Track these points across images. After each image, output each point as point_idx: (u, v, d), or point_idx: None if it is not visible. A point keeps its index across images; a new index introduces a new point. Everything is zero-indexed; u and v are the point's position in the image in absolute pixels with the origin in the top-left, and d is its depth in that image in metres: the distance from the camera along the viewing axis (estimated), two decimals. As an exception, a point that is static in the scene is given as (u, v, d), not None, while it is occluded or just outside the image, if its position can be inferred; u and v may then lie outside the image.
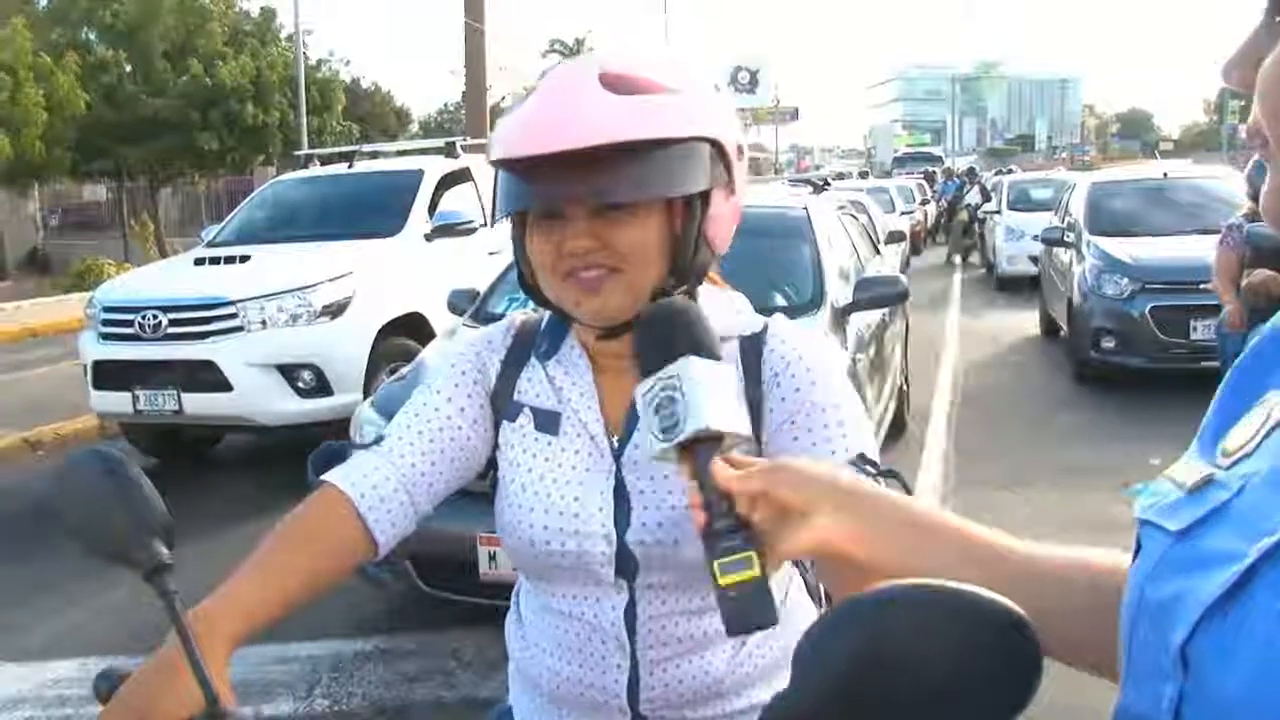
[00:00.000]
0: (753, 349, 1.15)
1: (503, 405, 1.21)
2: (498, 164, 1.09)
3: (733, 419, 0.86)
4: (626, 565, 1.13)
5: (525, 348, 1.23)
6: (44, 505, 5.88)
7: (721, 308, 1.17)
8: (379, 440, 1.20)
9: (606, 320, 1.11)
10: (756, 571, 0.79)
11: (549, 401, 1.19)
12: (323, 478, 1.15)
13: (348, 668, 3.70)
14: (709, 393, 0.85)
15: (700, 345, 0.89)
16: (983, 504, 4.83)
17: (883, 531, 0.80)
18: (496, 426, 1.22)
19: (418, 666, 3.69)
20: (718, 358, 0.89)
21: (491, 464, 1.23)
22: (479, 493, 1.29)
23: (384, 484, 1.14)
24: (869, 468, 0.97)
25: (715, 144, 1.10)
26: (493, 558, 3.33)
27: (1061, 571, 0.78)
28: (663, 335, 0.90)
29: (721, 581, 0.79)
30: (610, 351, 1.15)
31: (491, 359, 1.24)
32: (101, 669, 1.00)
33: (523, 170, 1.07)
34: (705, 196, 1.10)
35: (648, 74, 1.07)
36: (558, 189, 1.06)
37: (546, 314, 1.23)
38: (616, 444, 1.15)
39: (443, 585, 3.59)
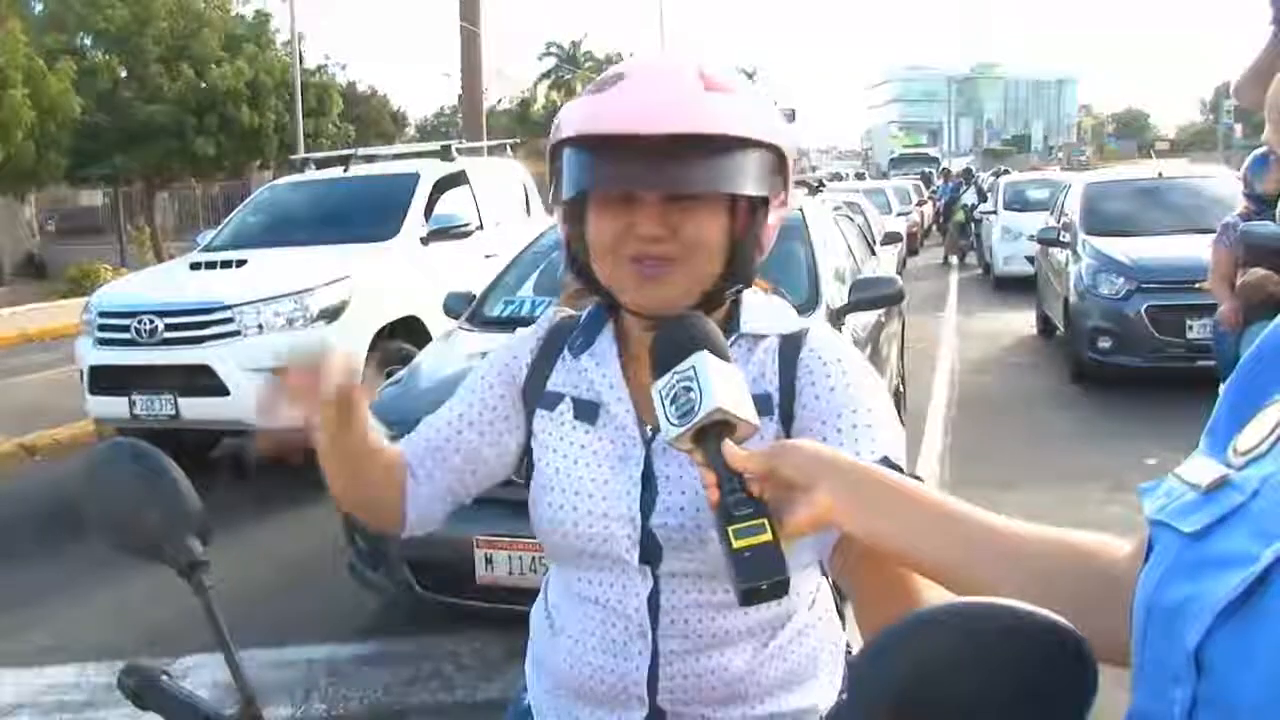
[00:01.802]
0: (791, 348, 1.18)
1: (535, 396, 1.25)
2: (575, 141, 1.11)
3: (744, 407, 0.90)
4: (651, 550, 1.16)
5: (559, 341, 1.27)
6: (65, 500, 5.88)
7: (764, 308, 1.23)
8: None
9: (662, 308, 1.13)
10: (770, 536, 0.83)
11: (588, 392, 1.23)
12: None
13: (345, 671, 3.70)
14: (722, 382, 0.90)
15: (712, 347, 0.94)
16: (979, 504, 4.79)
17: (873, 504, 0.84)
18: (529, 418, 1.26)
19: (415, 670, 3.69)
20: (728, 360, 0.94)
21: (525, 453, 1.27)
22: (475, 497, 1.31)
23: (434, 468, 1.26)
24: (894, 471, 0.98)
25: (780, 154, 1.14)
26: (489, 561, 3.33)
27: (1041, 548, 0.80)
28: (678, 340, 0.95)
29: (736, 544, 0.83)
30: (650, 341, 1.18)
31: (523, 353, 1.28)
32: (124, 665, 0.99)
33: (600, 153, 1.10)
34: (766, 201, 1.14)
35: (729, 80, 1.12)
36: (646, 173, 1.08)
37: (586, 310, 1.27)
38: (649, 431, 1.18)
39: (439, 589, 3.58)
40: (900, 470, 1.00)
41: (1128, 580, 0.68)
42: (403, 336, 6.37)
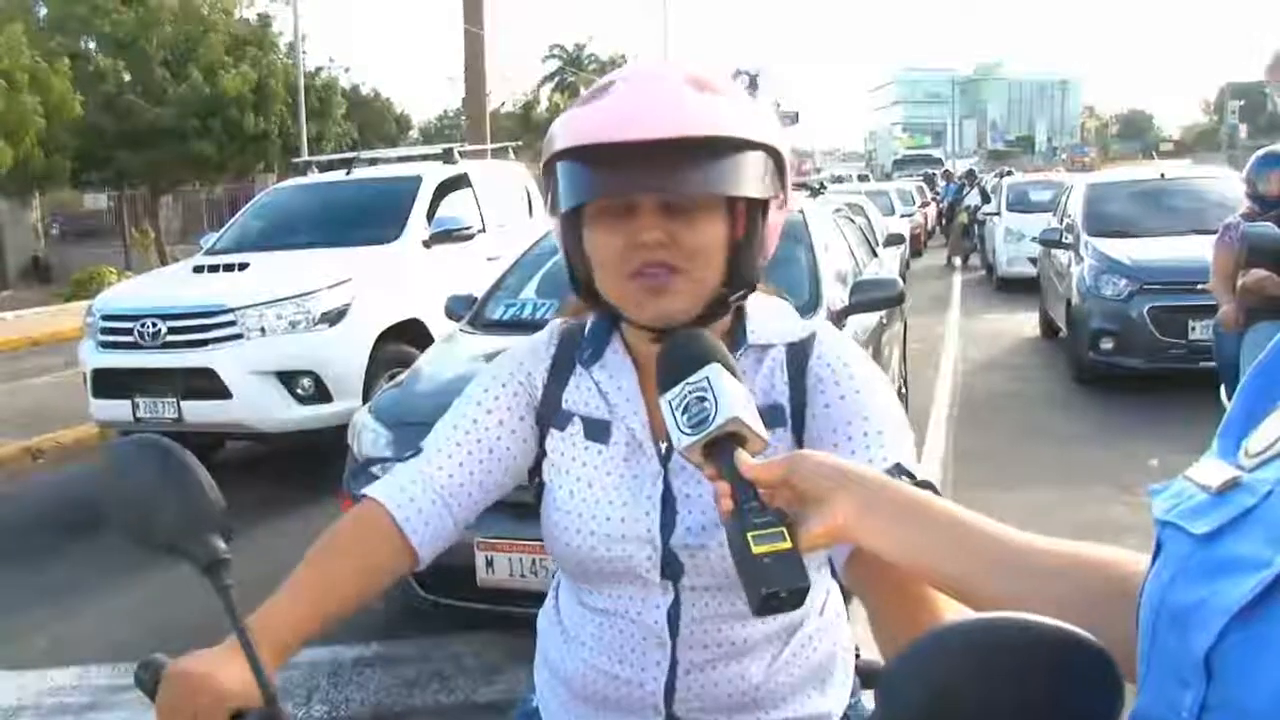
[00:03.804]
0: (799, 355, 1.16)
1: (550, 415, 1.21)
2: (568, 154, 1.08)
3: (756, 421, 0.90)
4: (672, 566, 1.14)
5: (569, 355, 1.23)
6: (70, 502, 5.89)
7: (771, 314, 1.20)
8: (417, 452, 1.21)
9: (669, 321, 1.11)
10: (789, 544, 0.82)
11: (599, 410, 1.19)
12: (361, 491, 1.18)
13: (346, 674, 3.71)
14: (736, 394, 0.90)
15: (724, 362, 0.93)
16: (982, 506, 4.71)
17: (886, 518, 0.83)
18: (542, 436, 1.22)
19: (416, 672, 3.69)
20: (737, 376, 0.94)
21: (534, 472, 1.23)
22: None
23: (421, 496, 1.16)
24: (905, 478, 0.97)
25: (777, 155, 1.12)
26: (489, 563, 3.33)
27: (1054, 562, 0.79)
28: (688, 353, 0.94)
29: (756, 550, 0.82)
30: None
31: (536, 369, 1.24)
32: (142, 659, 0.98)
33: (595, 163, 1.07)
34: (765, 204, 1.12)
35: (721, 83, 1.10)
36: (642, 179, 1.05)
37: (590, 319, 1.23)
38: (664, 449, 1.16)
39: (440, 591, 3.59)
40: (912, 476, 0.99)
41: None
42: (405, 339, 6.37)
